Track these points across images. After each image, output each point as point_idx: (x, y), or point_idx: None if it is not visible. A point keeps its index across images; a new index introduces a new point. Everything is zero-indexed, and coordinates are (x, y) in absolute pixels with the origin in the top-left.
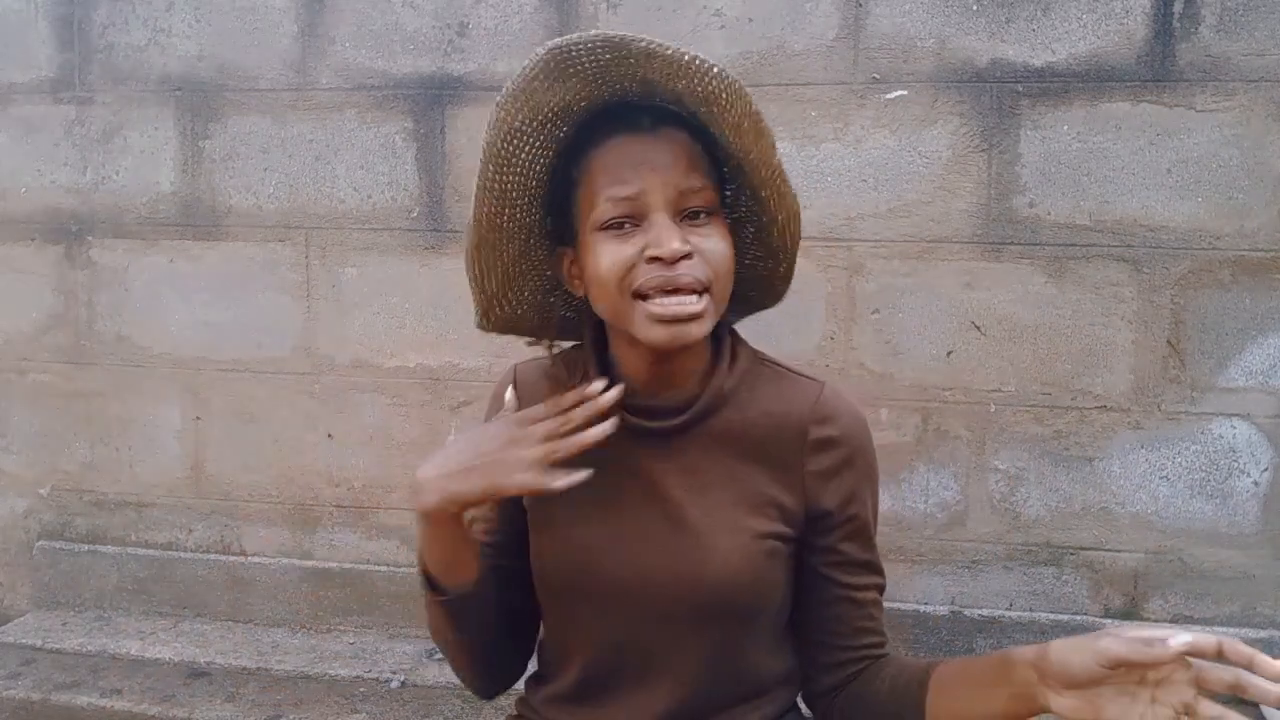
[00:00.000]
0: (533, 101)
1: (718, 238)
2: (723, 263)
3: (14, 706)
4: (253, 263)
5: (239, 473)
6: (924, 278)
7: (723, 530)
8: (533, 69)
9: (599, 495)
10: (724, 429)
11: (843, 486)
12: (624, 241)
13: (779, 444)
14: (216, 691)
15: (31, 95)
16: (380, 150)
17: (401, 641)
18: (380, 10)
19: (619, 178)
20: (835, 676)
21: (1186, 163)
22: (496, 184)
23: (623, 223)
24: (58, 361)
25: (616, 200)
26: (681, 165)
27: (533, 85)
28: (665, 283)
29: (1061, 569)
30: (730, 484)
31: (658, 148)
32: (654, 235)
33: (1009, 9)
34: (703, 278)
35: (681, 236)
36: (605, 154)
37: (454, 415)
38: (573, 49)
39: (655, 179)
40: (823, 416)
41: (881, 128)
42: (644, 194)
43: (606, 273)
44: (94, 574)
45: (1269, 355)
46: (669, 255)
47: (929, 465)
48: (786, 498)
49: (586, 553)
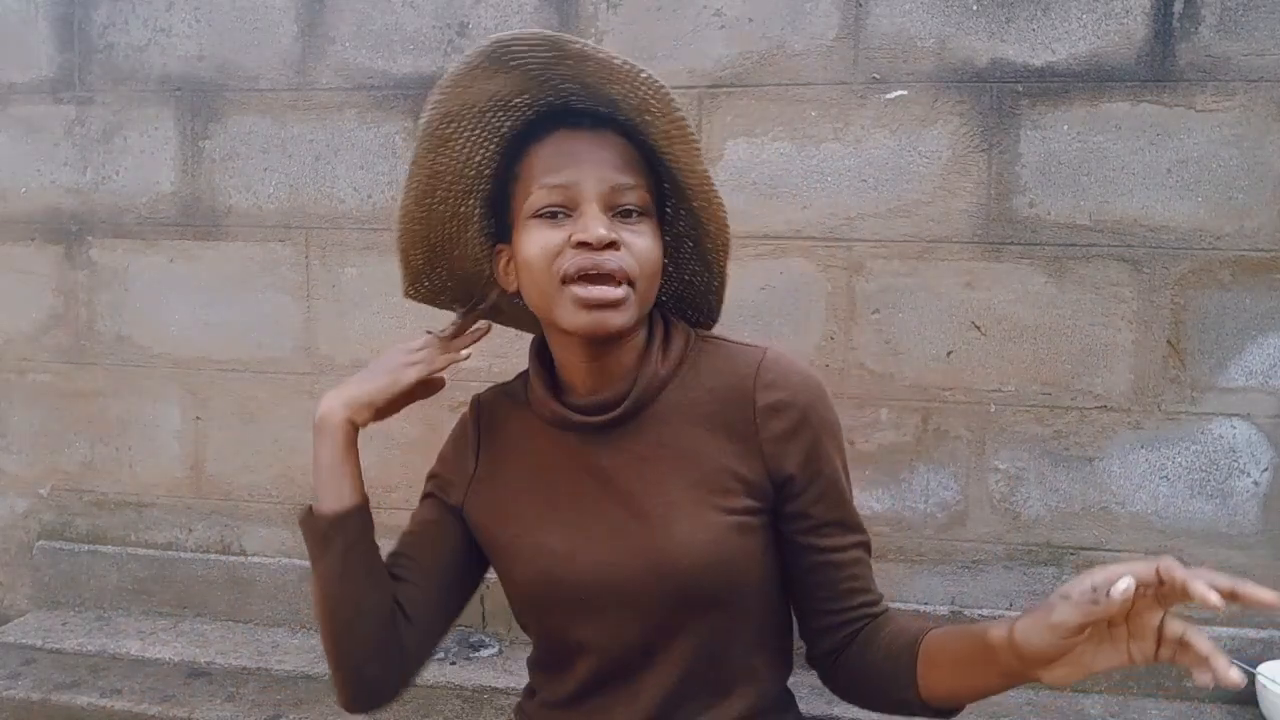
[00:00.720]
0: (473, 88)
1: (647, 237)
2: (648, 260)
3: (14, 706)
4: (253, 263)
5: (239, 473)
6: (924, 278)
7: (685, 515)
8: (475, 58)
9: (557, 500)
10: (670, 413)
11: (801, 447)
12: (555, 228)
13: (729, 417)
14: (216, 691)
15: (31, 95)
16: (380, 150)
17: None
18: (380, 10)
19: (553, 167)
20: (831, 640)
21: (1186, 163)
22: (427, 163)
23: (555, 212)
24: (58, 361)
25: (550, 188)
26: (615, 162)
27: (473, 73)
28: (591, 266)
29: (1061, 569)
30: (687, 466)
31: (593, 144)
32: (582, 223)
33: (1009, 9)
34: (627, 269)
35: (609, 226)
36: (543, 147)
37: (454, 415)
38: (514, 44)
39: (588, 171)
40: (768, 381)
41: (881, 128)
42: (576, 184)
43: (536, 257)
44: (94, 574)
45: (1269, 355)
46: (595, 240)
47: (929, 465)
48: (747, 470)
49: (553, 558)
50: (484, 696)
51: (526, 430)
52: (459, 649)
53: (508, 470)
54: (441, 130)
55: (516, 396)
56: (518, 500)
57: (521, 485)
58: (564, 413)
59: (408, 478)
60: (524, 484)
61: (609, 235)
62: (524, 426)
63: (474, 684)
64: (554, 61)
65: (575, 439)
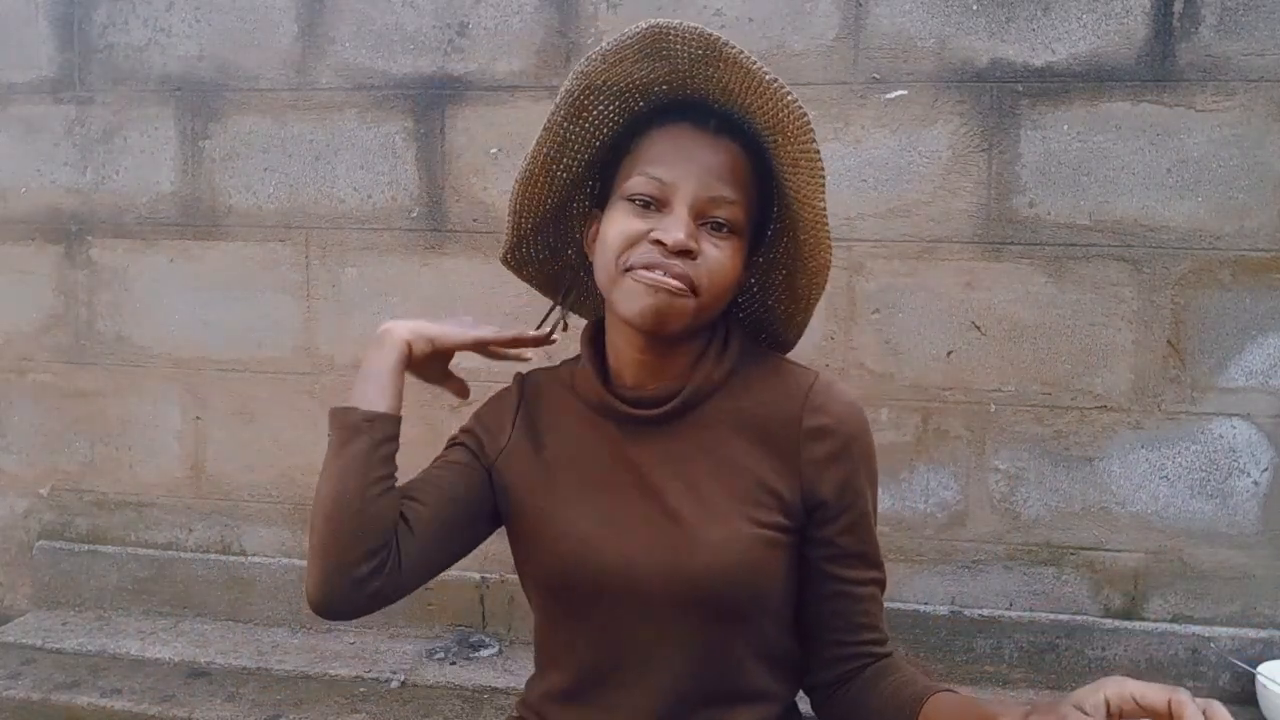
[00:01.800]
0: (620, 68)
1: (728, 253)
2: (720, 274)
3: (14, 706)
4: (252, 263)
5: (239, 473)
6: (924, 278)
7: (717, 520)
8: (629, 39)
9: (588, 485)
10: (717, 417)
11: (839, 475)
12: (641, 217)
13: (774, 432)
14: (216, 691)
15: (31, 95)
16: (380, 150)
17: (401, 641)
18: (380, 10)
19: (661, 158)
20: (833, 671)
21: (1186, 163)
22: (562, 130)
23: (648, 201)
24: (58, 361)
25: (649, 177)
26: (723, 172)
27: (624, 53)
28: (656, 264)
29: (1061, 569)
30: (724, 473)
31: (710, 147)
32: (666, 223)
33: (1009, 9)
34: (694, 277)
35: (690, 232)
36: (662, 134)
37: (454, 415)
38: (671, 32)
39: (692, 172)
40: (817, 405)
41: (881, 127)
42: (676, 182)
43: (614, 238)
44: (94, 574)
45: (1269, 355)
46: (672, 244)
47: (929, 465)
48: (783, 487)
49: (579, 543)
50: (484, 696)
51: (567, 412)
52: (459, 649)
53: (544, 446)
54: (582, 100)
55: (561, 379)
56: (550, 477)
57: (556, 463)
58: (610, 400)
59: (408, 478)
60: (559, 463)
61: (686, 242)
62: (565, 408)
63: (474, 684)
64: (704, 60)
65: (615, 428)
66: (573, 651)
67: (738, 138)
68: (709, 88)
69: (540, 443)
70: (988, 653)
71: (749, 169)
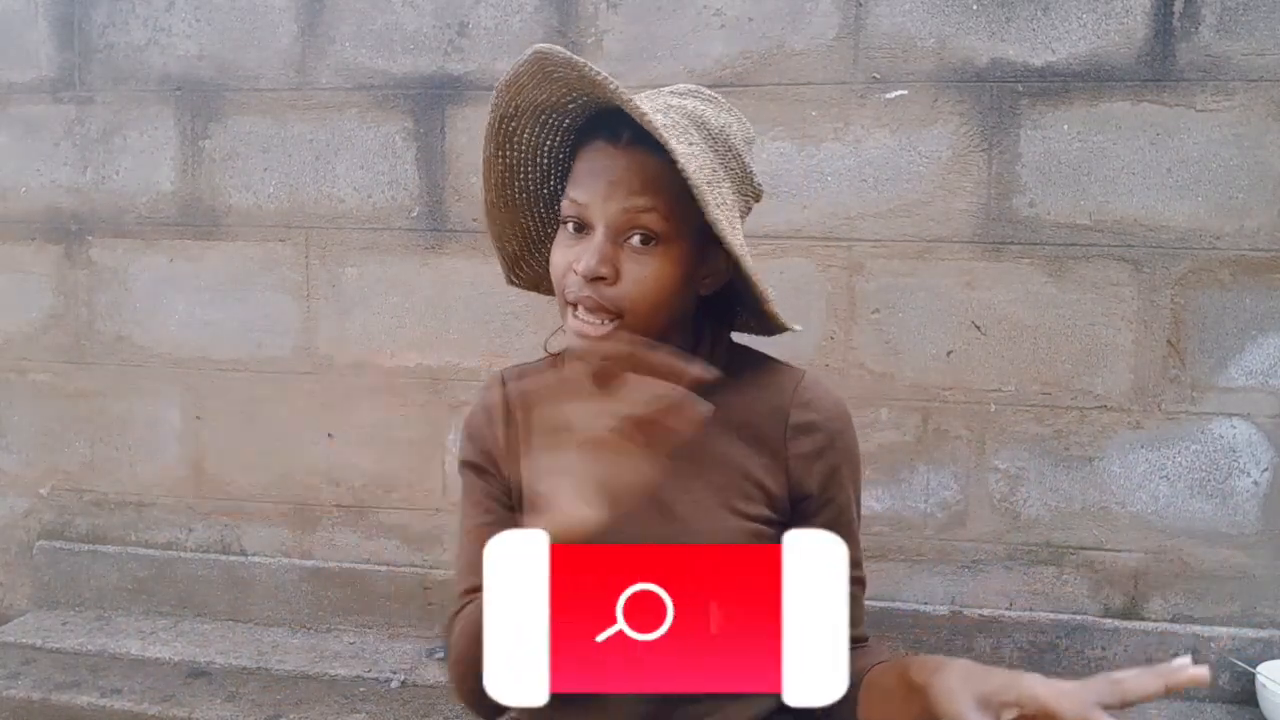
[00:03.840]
0: (523, 95)
1: (652, 268)
2: (646, 291)
3: (14, 706)
4: (252, 262)
5: (239, 473)
6: (924, 278)
7: (706, 513)
8: (520, 67)
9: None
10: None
11: (823, 470)
12: (569, 246)
13: (762, 429)
14: (216, 691)
15: (31, 95)
16: (380, 150)
17: (401, 641)
18: (380, 10)
19: (579, 179)
20: None
21: (1186, 162)
22: (499, 159)
23: (578, 225)
24: (58, 361)
25: (571, 200)
26: (634, 185)
27: (520, 81)
28: (581, 299)
29: (1061, 569)
30: (714, 469)
31: (618, 163)
32: (581, 248)
33: (1009, 9)
34: (617, 301)
35: (604, 257)
36: (584, 153)
37: (454, 415)
38: (551, 56)
39: (601, 194)
40: (804, 401)
41: (881, 127)
42: (591, 203)
43: (554, 269)
44: (94, 574)
45: (1269, 355)
46: (583, 273)
47: (929, 465)
48: (771, 481)
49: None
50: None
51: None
52: None
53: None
54: (504, 128)
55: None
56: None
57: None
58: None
59: (408, 478)
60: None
61: (597, 269)
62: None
63: None
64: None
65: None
66: None
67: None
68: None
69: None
70: (988, 653)
71: (663, 171)
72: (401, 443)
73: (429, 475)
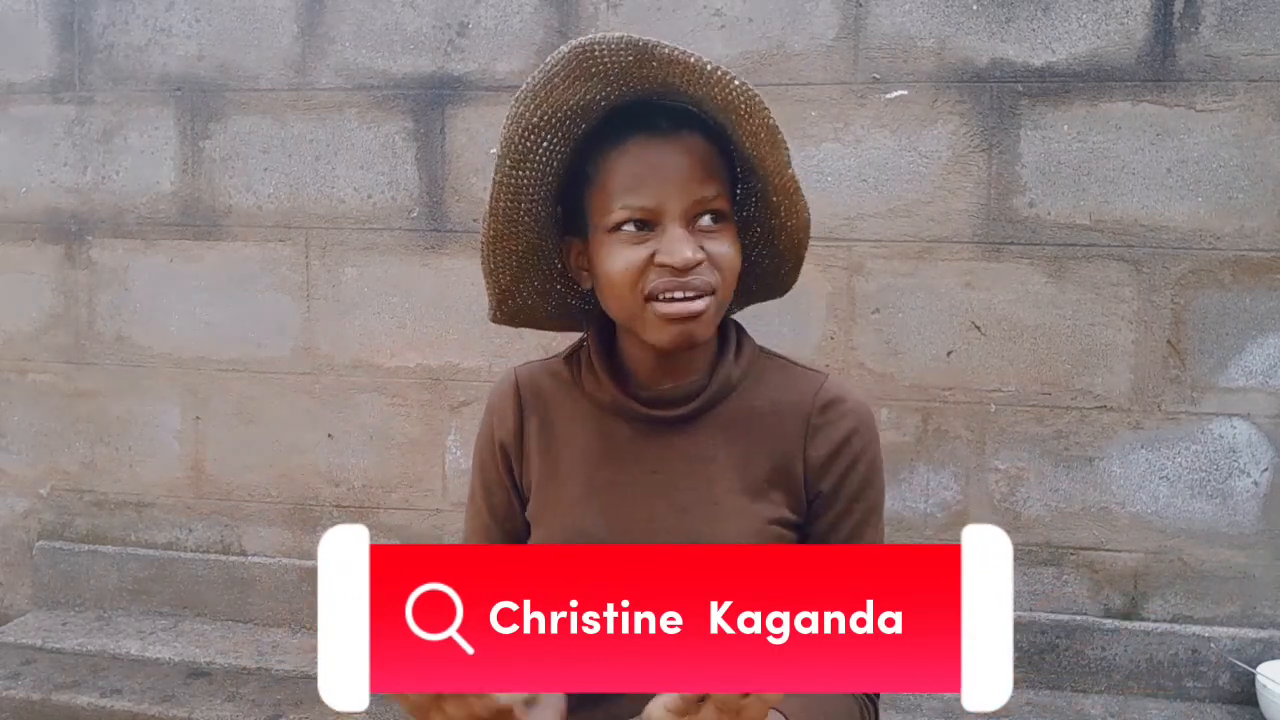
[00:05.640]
0: (552, 99)
1: (728, 243)
2: (730, 268)
3: (14, 706)
4: (252, 263)
5: (239, 473)
6: (924, 278)
7: (729, 517)
8: (554, 66)
9: (597, 485)
10: (730, 417)
11: (839, 469)
12: (636, 246)
13: (784, 430)
14: (216, 691)
15: (31, 95)
16: (380, 150)
17: None
18: (380, 10)
19: (635, 185)
20: None
21: (1186, 163)
22: (512, 179)
23: (636, 226)
24: (58, 361)
25: (629, 208)
26: (697, 174)
27: (553, 82)
28: (675, 287)
29: (1061, 569)
30: (737, 471)
31: (675, 154)
32: (666, 244)
33: (1009, 9)
34: (711, 281)
35: (694, 245)
36: (622, 156)
37: (454, 415)
38: (596, 49)
39: (671, 189)
40: (825, 402)
41: (881, 128)
42: (657, 204)
43: (620, 276)
44: (94, 574)
45: (1269, 355)
46: (681, 264)
47: (929, 465)
48: (790, 482)
49: (588, 540)
50: None
51: (575, 411)
52: None
53: (551, 446)
54: (523, 144)
55: (560, 376)
56: (558, 479)
57: (564, 463)
58: (628, 403)
59: (408, 477)
60: (566, 464)
61: (695, 258)
62: (570, 407)
63: None
64: (636, 65)
65: (627, 427)
66: None
67: (693, 127)
68: (647, 87)
69: (547, 443)
70: None
71: (714, 151)
72: (401, 443)
73: (429, 475)
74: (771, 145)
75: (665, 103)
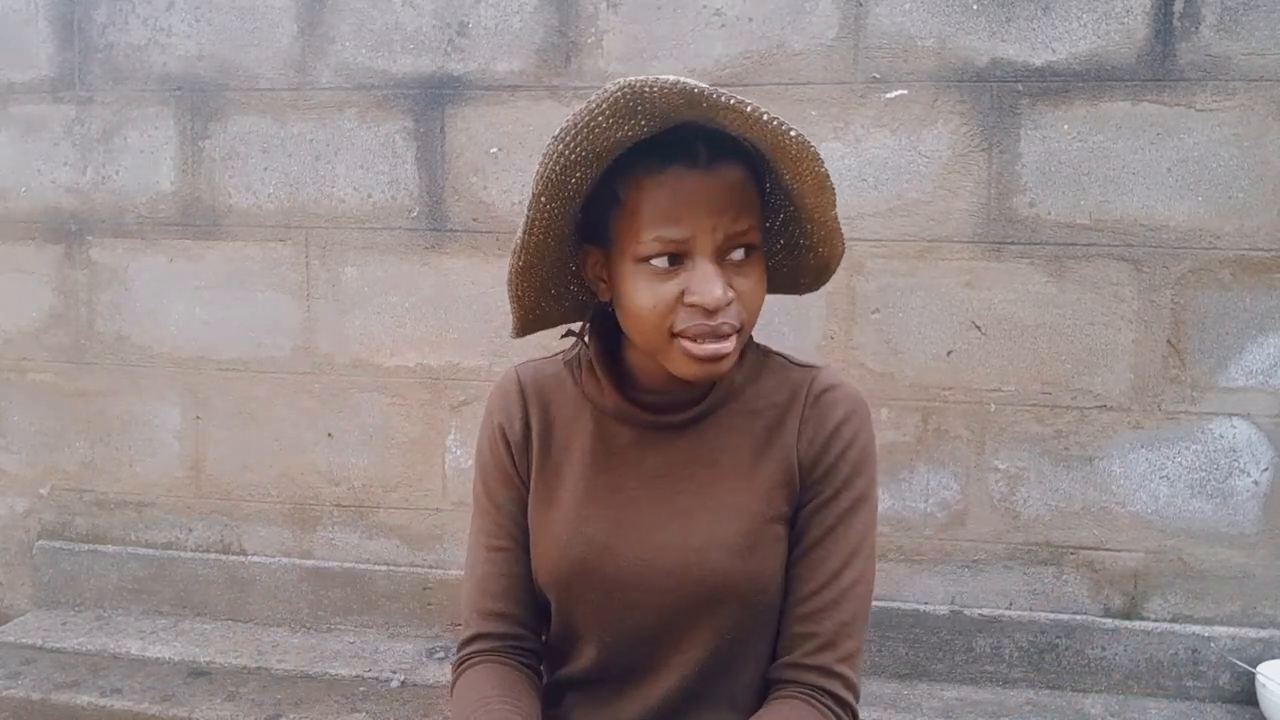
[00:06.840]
0: (594, 136)
1: (755, 278)
2: (757, 304)
3: (14, 706)
4: (252, 262)
5: (239, 473)
6: (924, 277)
7: (728, 519)
8: (600, 105)
9: (598, 488)
10: (731, 421)
11: (829, 457)
12: (665, 280)
13: (781, 428)
14: (216, 691)
15: (31, 95)
16: (380, 150)
17: (401, 641)
18: (380, 10)
19: (669, 218)
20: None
21: (1186, 162)
22: (547, 212)
23: (668, 261)
24: (58, 361)
25: (662, 239)
26: (729, 204)
27: (596, 120)
28: (705, 332)
29: (1061, 569)
30: (737, 475)
31: (712, 187)
32: (697, 281)
33: (1009, 9)
34: (737, 322)
35: (724, 283)
36: (658, 186)
37: (454, 414)
38: (646, 90)
39: (705, 224)
40: (816, 394)
41: (881, 127)
42: (690, 237)
43: (648, 311)
44: (94, 574)
45: (1269, 355)
46: (713, 305)
47: (929, 465)
48: (787, 479)
49: (590, 548)
50: None
51: (577, 414)
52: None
53: (553, 448)
54: (560, 178)
55: (561, 378)
56: (559, 483)
57: (567, 466)
58: (630, 408)
59: (408, 477)
60: (567, 468)
61: (725, 298)
62: (571, 410)
63: None
64: (686, 107)
65: (630, 431)
66: (584, 648)
67: (731, 158)
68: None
69: (549, 445)
70: (988, 653)
71: (749, 180)
72: (401, 443)
73: (429, 475)
74: (818, 191)
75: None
